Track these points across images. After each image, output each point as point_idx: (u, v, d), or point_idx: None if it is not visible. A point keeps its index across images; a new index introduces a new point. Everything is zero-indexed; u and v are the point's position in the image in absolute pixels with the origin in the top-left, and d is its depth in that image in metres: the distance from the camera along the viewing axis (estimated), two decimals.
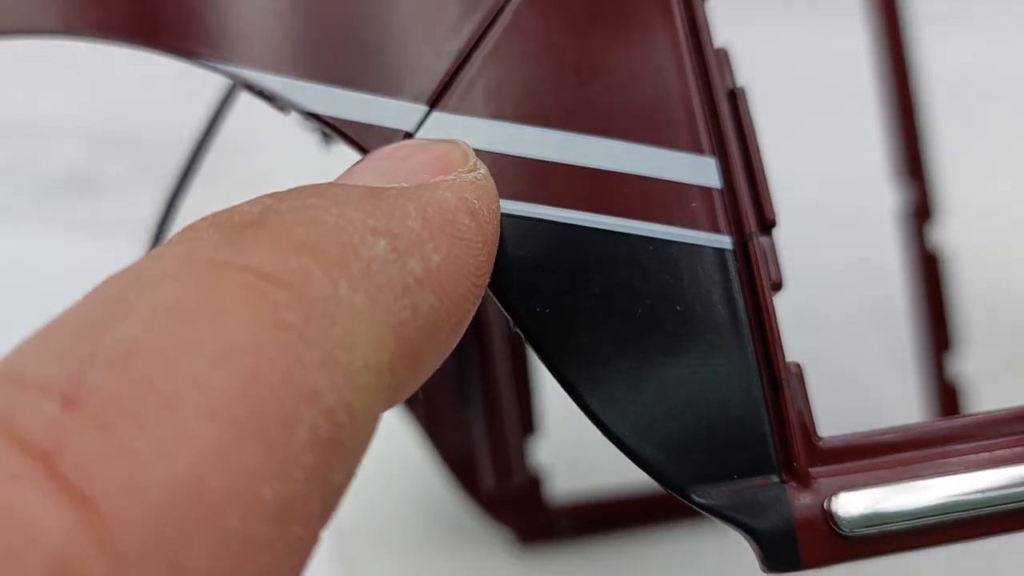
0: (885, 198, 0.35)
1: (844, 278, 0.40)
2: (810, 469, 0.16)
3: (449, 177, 0.16)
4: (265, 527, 0.12)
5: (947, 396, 0.34)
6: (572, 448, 0.17)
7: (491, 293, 0.17)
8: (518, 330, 0.17)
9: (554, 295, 0.17)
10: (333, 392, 0.13)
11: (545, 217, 0.17)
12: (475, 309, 0.16)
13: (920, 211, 0.35)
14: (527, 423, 0.32)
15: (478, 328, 0.31)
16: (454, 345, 0.16)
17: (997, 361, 0.36)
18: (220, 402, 0.12)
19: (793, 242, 0.19)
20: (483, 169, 0.17)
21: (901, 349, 0.35)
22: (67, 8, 0.19)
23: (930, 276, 0.35)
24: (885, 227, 0.35)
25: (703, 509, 0.16)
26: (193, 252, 0.14)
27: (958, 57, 0.43)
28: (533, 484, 0.32)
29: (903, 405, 0.35)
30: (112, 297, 0.13)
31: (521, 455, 0.32)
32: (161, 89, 0.18)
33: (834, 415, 0.26)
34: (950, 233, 0.35)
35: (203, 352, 0.13)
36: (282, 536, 0.12)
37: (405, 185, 0.16)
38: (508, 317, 0.17)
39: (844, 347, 0.39)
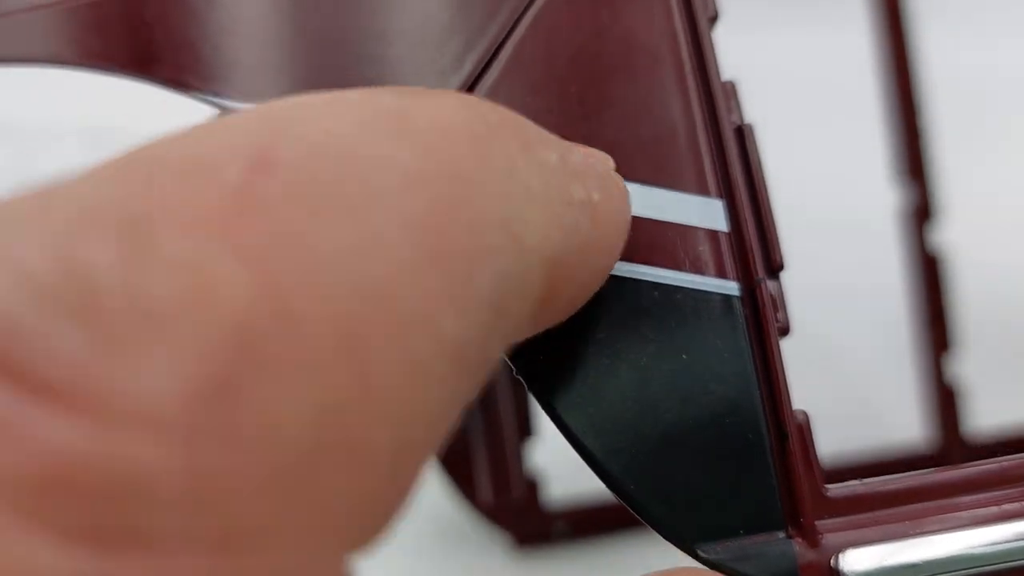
0: (885, 198, 0.35)
1: (842, 278, 0.40)
2: (817, 523, 0.16)
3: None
4: (442, 361, 0.12)
5: (945, 398, 0.34)
6: (569, 452, 0.17)
7: None
8: (520, 377, 0.17)
9: (556, 342, 0.17)
10: (507, 256, 0.13)
11: None
12: (599, 286, 0.16)
13: (920, 211, 0.35)
14: (524, 427, 0.32)
15: None
16: (578, 306, 0.16)
17: (996, 363, 0.36)
18: (413, 220, 0.12)
19: (792, 241, 0.19)
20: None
21: (900, 350, 0.35)
22: (61, 37, 0.18)
23: (929, 277, 0.34)
24: (884, 227, 0.35)
25: (708, 565, 0.16)
26: (376, 95, 0.14)
27: (959, 57, 0.43)
28: (530, 488, 0.32)
29: (901, 406, 0.35)
30: (288, 105, 0.13)
31: (518, 459, 0.32)
32: (158, 90, 0.18)
33: (833, 416, 0.26)
34: (950, 234, 0.34)
35: (396, 168, 0.12)
36: (455, 375, 0.12)
37: None
38: (509, 364, 0.17)
39: (842, 347, 0.39)
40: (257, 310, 0.10)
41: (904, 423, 0.34)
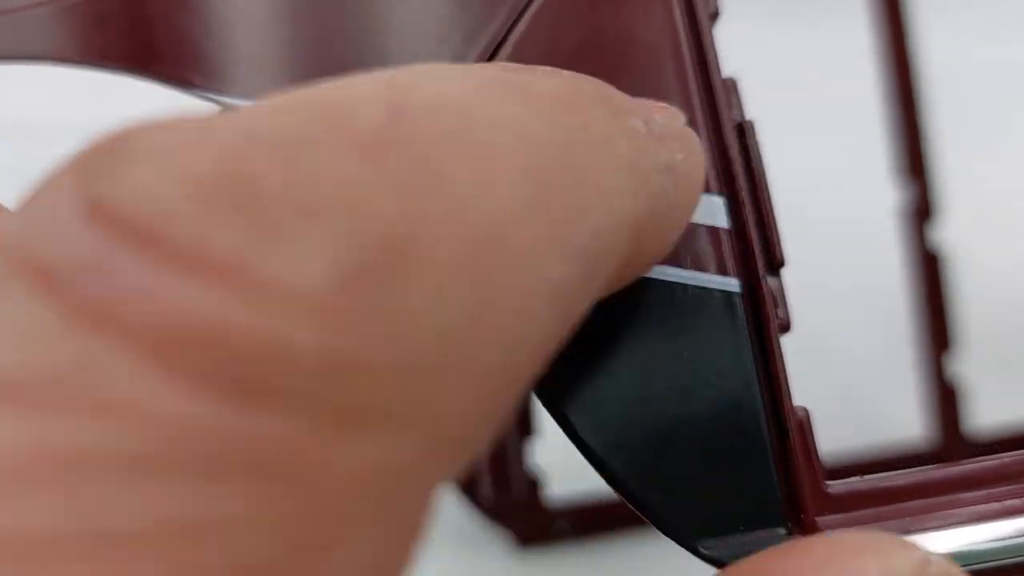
0: (885, 197, 0.35)
1: (842, 277, 0.40)
2: (817, 519, 0.16)
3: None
4: (545, 302, 0.13)
5: (946, 396, 0.34)
6: (570, 450, 0.17)
7: None
8: None
9: None
10: (601, 215, 0.14)
11: None
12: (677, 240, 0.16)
13: (920, 210, 0.35)
14: (525, 425, 0.32)
15: None
16: (658, 261, 0.16)
17: (996, 361, 0.36)
18: (525, 174, 0.13)
19: (792, 241, 0.19)
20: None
21: (900, 349, 0.35)
22: (62, 35, 0.18)
23: (930, 276, 0.34)
24: (884, 226, 0.35)
25: (709, 561, 0.16)
26: (484, 68, 0.15)
27: (960, 54, 0.43)
28: (531, 486, 0.32)
29: (902, 405, 0.35)
30: (405, 71, 0.14)
31: (519, 457, 0.32)
32: (160, 88, 0.18)
33: (833, 415, 0.26)
34: (950, 233, 0.34)
35: (509, 127, 0.13)
36: (553, 318, 0.13)
37: None
38: None
39: (842, 346, 0.39)
40: (402, 224, 0.11)
41: (904, 422, 0.34)
